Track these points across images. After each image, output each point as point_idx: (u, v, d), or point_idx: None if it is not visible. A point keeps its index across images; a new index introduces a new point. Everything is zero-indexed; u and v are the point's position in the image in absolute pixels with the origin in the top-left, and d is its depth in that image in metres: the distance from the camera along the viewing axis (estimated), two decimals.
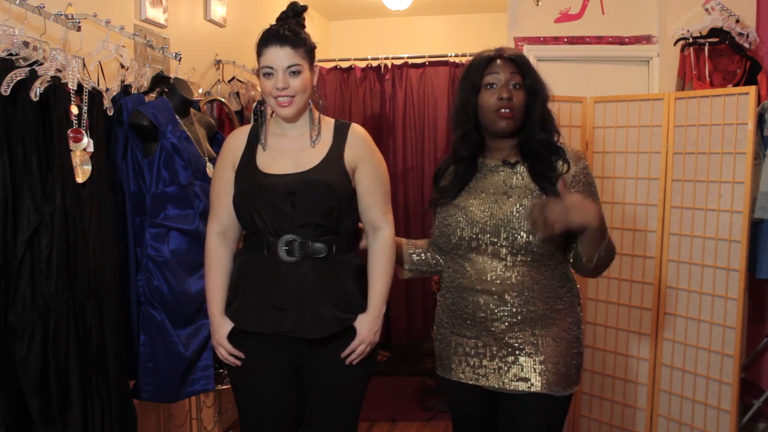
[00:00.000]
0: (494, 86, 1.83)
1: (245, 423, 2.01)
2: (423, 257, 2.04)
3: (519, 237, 1.79)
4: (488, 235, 1.82)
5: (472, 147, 1.91)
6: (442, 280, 1.98)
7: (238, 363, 1.94)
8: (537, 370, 1.81)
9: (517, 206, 1.81)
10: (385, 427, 3.71)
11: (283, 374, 1.94)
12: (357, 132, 1.97)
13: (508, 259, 1.81)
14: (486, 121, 1.85)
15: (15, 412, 1.87)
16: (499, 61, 1.84)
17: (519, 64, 1.85)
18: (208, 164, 2.43)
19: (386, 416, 3.80)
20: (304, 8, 1.95)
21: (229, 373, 2.03)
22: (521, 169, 1.87)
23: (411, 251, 2.05)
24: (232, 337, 1.94)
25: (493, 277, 1.82)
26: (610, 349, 3.20)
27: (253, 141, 1.97)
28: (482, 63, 1.86)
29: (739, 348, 2.79)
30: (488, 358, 1.85)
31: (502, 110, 1.82)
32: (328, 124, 1.98)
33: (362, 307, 1.95)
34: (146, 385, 2.32)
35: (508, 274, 1.81)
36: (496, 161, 1.90)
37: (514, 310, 1.81)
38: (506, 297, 1.81)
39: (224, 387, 2.83)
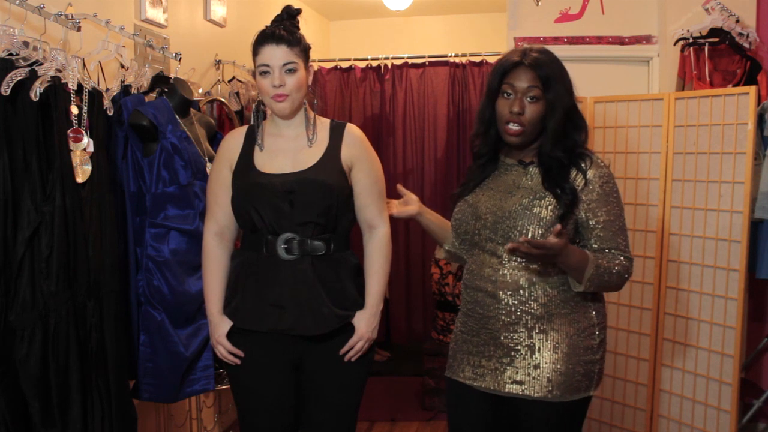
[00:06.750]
0: (510, 96, 1.78)
1: (244, 422, 2.01)
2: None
3: (513, 235, 1.77)
4: (488, 231, 1.82)
5: (490, 144, 1.88)
6: None
7: (238, 361, 1.95)
8: (531, 374, 1.77)
9: (517, 205, 1.79)
10: (385, 427, 3.71)
11: (282, 372, 1.95)
12: (353, 132, 1.99)
13: (504, 256, 1.80)
14: (499, 128, 1.83)
15: (15, 412, 1.87)
16: (521, 68, 1.77)
17: (541, 72, 1.75)
18: (208, 164, 2.43)
19: (386, 416, 3.80)
20: (298, 11, 1.98)
21: (228, 372, 2.03)
22: (533, 170, 1.84)
23: (454, 239, 2.01)
24: (231, 335, 1.95)
25: (489, 273, 1.81)
26: (611, 349, 3.19)
27: (250, 142, 1.98)
28: (504, 67, 1.80)
29: (739, 348, 2.78)
30: (486, 358, 1.83)
31: (510, 125, 1.79)
32: (324, 124, 2.00)
33: (360, 305, 1.97)
34: (146, 385, 2.32)
35: (503, 272, 1.80)
36: (513, 160, 1.88)
37: (509, 309, 1.78)
38: (500, 294, 1.79)
39: (224, 387, 2.82)
